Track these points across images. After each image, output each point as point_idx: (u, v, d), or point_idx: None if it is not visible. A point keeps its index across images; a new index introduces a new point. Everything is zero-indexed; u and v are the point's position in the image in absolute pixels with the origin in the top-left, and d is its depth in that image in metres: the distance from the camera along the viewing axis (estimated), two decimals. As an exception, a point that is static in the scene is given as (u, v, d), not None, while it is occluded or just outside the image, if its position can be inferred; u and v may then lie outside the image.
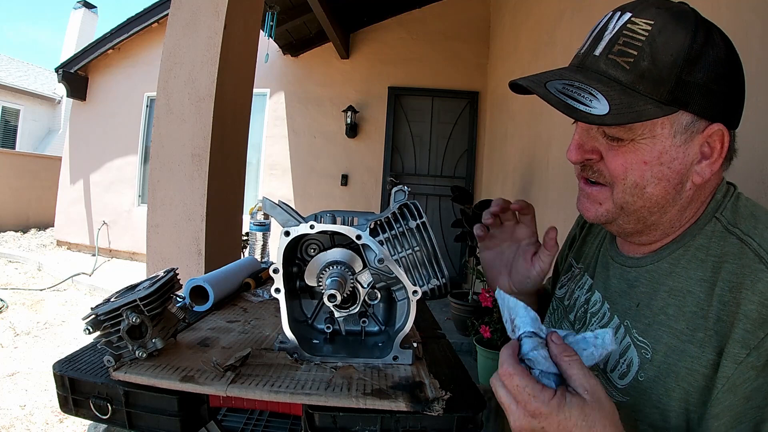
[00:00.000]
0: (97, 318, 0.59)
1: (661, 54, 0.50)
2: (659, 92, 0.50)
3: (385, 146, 5.08)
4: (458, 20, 4.99)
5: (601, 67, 0.53)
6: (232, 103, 1.98)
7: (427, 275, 0.65)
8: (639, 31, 0.51)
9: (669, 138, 0.51)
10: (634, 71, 0.50)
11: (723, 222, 0.54)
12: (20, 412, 2.19)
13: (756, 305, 0.46)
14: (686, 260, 0.54)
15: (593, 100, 0.50)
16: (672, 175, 0.53)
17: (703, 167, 0.53)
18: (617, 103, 0.50)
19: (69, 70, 5.81)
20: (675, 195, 0.54)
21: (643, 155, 0.52)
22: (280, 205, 0.65)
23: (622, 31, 0.52)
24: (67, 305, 4.01)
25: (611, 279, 0.64)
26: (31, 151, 10.05)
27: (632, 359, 0.55)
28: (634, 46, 0.51)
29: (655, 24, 0.50)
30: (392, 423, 0.53)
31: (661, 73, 0.49)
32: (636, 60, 0.50)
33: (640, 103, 0.50)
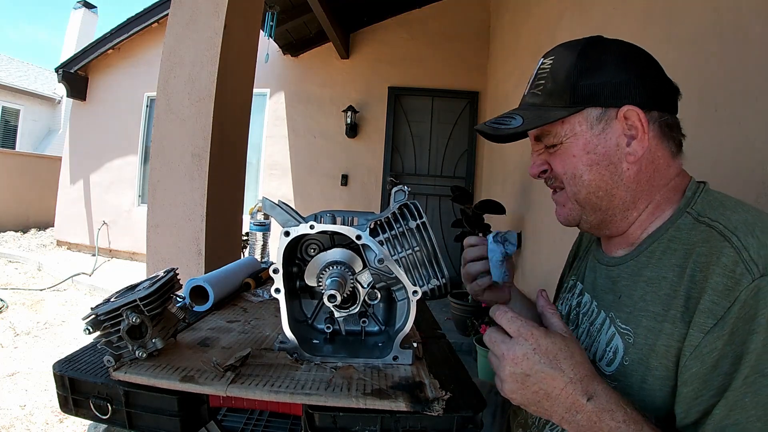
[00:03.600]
0: (97, 318, 0.58)
1: (558, 75, 0.64)
2: (563, 100, 0.63)
3: (385, 146, 5.08)
4: (458, 20, 4.99)
5: (527, 100, 0.69)
6: (232, 103, 1.98)
7: (427, 275, 0.65)
8: (545, 67, 0.67)
9: (587, 131, 0.63)
10: (543, 94, 0.65)
11: (693, 215, 0.59)
12: (20, 412, 2.19)
13: (721, 277, 0.50)
14: (660, 251, 0.60)
15: (512, 120, 0.66)
16: (599, 159, 0.63)
17: (634, 146, 0.62)
18: (529, 117, 0.64)
19: (69, 70, 5.81)
20: (612, 176, 0.63)
21: (571, 151, 0.64)
22: (279, 205, 0.65)
23: (538, 72, 0.68)
24: (67, 305, 4.01)
25: (598, 279, 0.71)
26: (31, 151, 10.05)
27: (617, 346, 0.61)
28: (543, 77, 0.66)
29: (555, 58, 0.66)
30: (392, 423, 0.53)
31: (561, 87, 0.63)
32: (544, 86, 0.65)
33: (548, 112, 0.63)
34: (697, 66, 1.15)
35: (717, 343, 0.49)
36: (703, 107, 1.10)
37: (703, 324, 0.50)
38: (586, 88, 0.62)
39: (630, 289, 0.62)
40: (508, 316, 0.54)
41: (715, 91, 1.09)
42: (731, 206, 0.57)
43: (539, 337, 0.51)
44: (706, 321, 0.50)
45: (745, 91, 0.98)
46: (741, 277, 0.49)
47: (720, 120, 1.06)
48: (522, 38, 3.37)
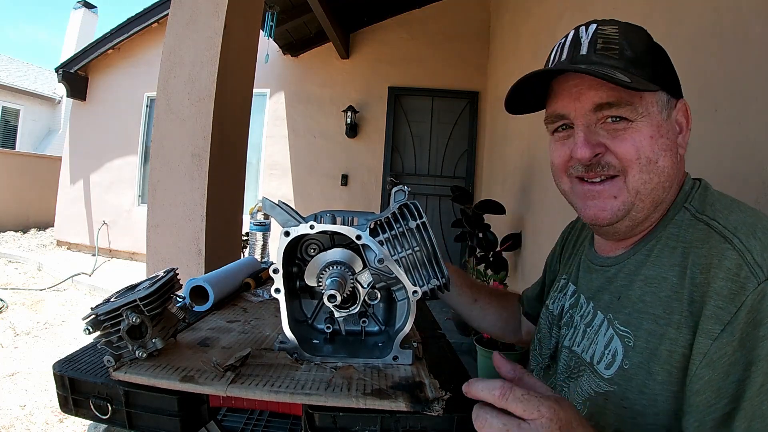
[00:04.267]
0: (97, 318, 0.58)
1: (636, 46, 0.59)
2: (646, 73, 0.57)
3: (385, 146, 5.08)
4: (458, 20, 4.99)
5: (595, 59, 0.59)
6: (232, 103, 1.98)
7: (427, 275, 0.65)
8: (611, 33, 0.59)
9: (659, 114, 0.58)
10: (623, 59, 0.58)
11: (691, 211, 0.58)
12: (20, 412, 2.19)
13: (725, 281, 0.48)
14: (659, 249, 0.58)
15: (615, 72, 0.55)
16: (671, 145, 0.59)
17: (683, 137, 0.61)
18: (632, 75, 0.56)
19: (69, 70, 5.81)
20: (676, 165, 0.59)
21: (649, 131, 0.58)
22: (279, 205, 0.65)
23: (597, 36, 0.60)
24: (67, 305, 4.01)
25: (593, 281, 0.68)
26: (31, 151, 10.05)
27: (616, 349, 0.58)
28: (614, 41, 0.59)
29: (620, 28, 0.60)
30: (392, 423, 0.53)
31: (642, 59, 0.58)
32: (620, 51, 0.58)
33: (634, 76, 0.56)
34: (697, 66, 1.15)
35: (726, 349, 0.47)
36: (703, 107, 1.10)
37: (710, 330, 0.48)
38: (659, 69, 0.59)
39: (627, 288, 0.60)
40: (518, 394, 0.43)
41: (715, 91, 1.09)
42: (727, 204, 0.56)
43: (558, 411, 0.42)
44: (714, 327, 0.48)
45: (745, 91, 0.98)
46: (746, 281, 0.47)
47: (720, 120, 1.06)
48: (522, 38, 3.37)
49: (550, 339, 0.76)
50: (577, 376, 0.64)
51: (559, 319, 0.74)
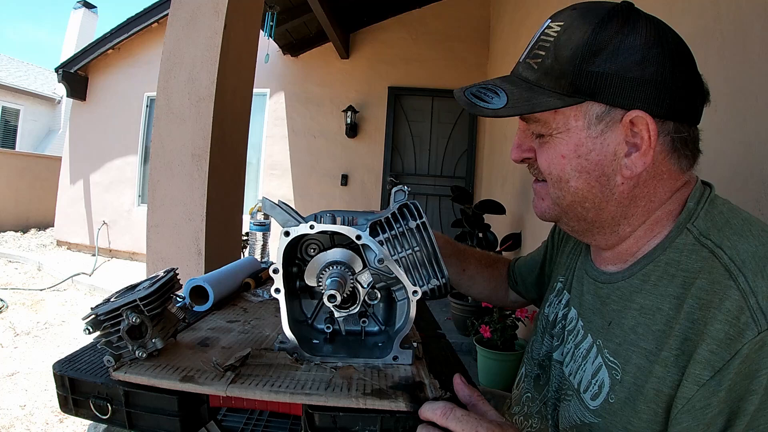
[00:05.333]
0: (97, 318, 0.58)
1: (562, 50, 0.52)
2: (560, 85, 0.52)
3: (385, 146, 5.08)
4: (458, 20, 4.99)
5: (519, 71, 0.57)
6: (232, 103, 1.98)
7: (427, 275, 0.65)
8: (550, 34, 0.54)
9: (583, 130, 0.52)
10: (540, 70, 0.54)
11: (694, 233, 0.51)
12: (20, 412, 2.19)
13: (722, 324, 0.44)
14: (656, 276, 0.52)
15: (495, 97, 0.54)
16: (591, 167, 0.53)
17: (633, 160, 0.52)
18: (516, 98, 0.53)
19: (69, 70, 5.81)
20: (603, 189, 0.54)
21: (560, 149, 0.54)
22: (279, 205, 0.65)
23: (540, 37, 0.55)
24: (67, 305, 4.01)
25: (585, 295, 0.64)
26: (31, 151, 10.05)
27: (603, 380, 0.54)
28: (544, 47, 0.54)
29: (563, 25, 0.53)
30: (392, 423, 0.53)
31: (562, 68, 0.51)
32: (542, 60, 0.53)
33: (541, 97, 0.52)
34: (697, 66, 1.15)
35: (712, 399, 0.43)
36: (703, 107, 1.10)
37: (698, 375, 0.44)
38: (593, 76, 0.50)
39: (620, 315, 0.55)
40: (458, 415, 0.46)
41: (715, 91, 1.08)
42: (739, 227, 0.49)
43: None
44: (703, 373, 0.44)
45: (745, 91, 0.98)
46: (745, 328, 0.43)
47: (720, 120, 1.06)
48: (522, 38, 3.37)
49: (542, 345, 0.74)
50: (565, 399, 0.62)
51: (552, 327, 0.71)
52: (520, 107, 0.53)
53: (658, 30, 0.51)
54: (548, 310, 0.75)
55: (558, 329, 0.69)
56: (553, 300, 0.75)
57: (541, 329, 0.76)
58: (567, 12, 0.54)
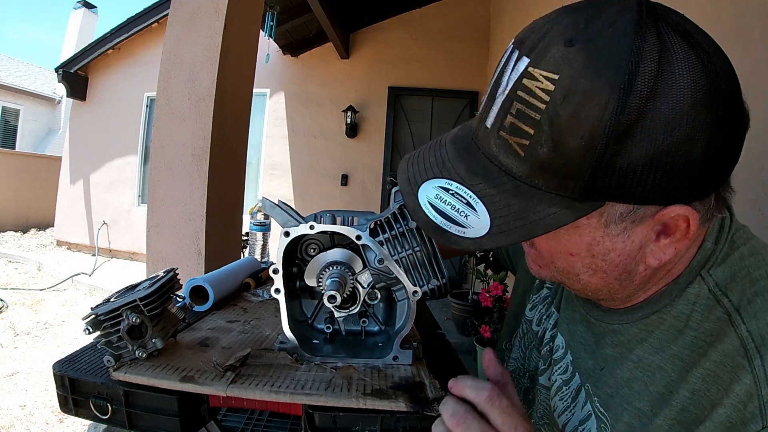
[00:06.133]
0: (97, 318, 0.58)
1: (566, 136, 0.34)
2: (568, 188, 0.36)
3: (385, 146, 5.08)
4: (458, 20, 4.99)
5: (492, 149, 0.39)
6: (232, 103, 1.99)
7: (427, 275, 0.65)
8: (538, 93, 0.34)
9: (599, 228, 0.39)
10: (530, 160, 0.36)
11: (710, 284, 0.42)
12: (20, 412, 2.19)
13: (727, 408, 0.38)
14: (661, 331, 0.44)
15: (470, 215, 0.39)
16: (609, 268, 0.42)
17: (662, 246, 0.40)
18: (503, 215, 0.38)
19: (69, 70, 5.82)
20: (621, 282, 0.44)
21: (567, 247, 0.41)
22: (279, 205, 0.65)
23: (516, 92, 0.36)
24: (67, 305, 4.01)
25: (576, 324, 0.55)
26: (31, 151, 10.06)
27: (591, 430, 0.48)
28: (531, 120, 0.35)
29: (560, 80, 0.34)
30: (392, 423, 0.53)
31: (569, 165, 0.34)
32: (532, 144, 0.35)
33: (538, 207, 0.37)
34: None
35: None
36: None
37: None
38: (618, 172, 0.34)
39: (615, 363, 0.47)
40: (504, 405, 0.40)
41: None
42: (763, 285, 0.40)
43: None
44: None
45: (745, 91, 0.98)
46: (750, 419, 0.37)
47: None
48: (522, 38, 3.36)
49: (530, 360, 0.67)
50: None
51: (539, 344, 0.64)
52: (513, 232, 0.37)
53: (706, 70, 0.33)
54: (531, 315, 0.67)
55: (545, 351, 0.61)
56: (538, 304, 0.67)
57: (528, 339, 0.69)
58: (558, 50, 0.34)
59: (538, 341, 0.64)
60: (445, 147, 0.44)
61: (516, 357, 0.70)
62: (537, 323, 0.65)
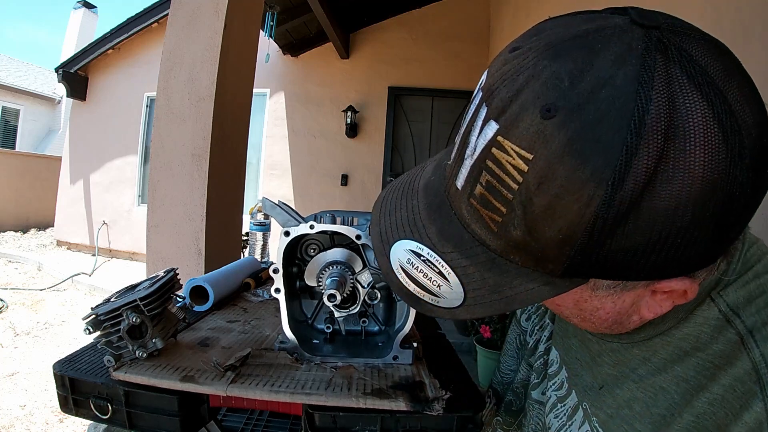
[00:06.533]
0: (97, 318, 0.59)
1: (540, 225, 0.30)
2: (545, 268, 0.33)
3: (385, 146, 5.08)
4: (458, 20, 4.99)
5: (464, 215, 0.35)
6: (232, 103, 1.99)
7: (427, 275, 0.65)
8: (509, 170, 0.30)
9: (586, 290, 0.36)
10: (503, 237, 0.33)
11: (720, 306, 0.38)
12: (20, 412, 2.19)
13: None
14: (666, 352, 0.41)
15: (442, 285, 0.36)
16: (598, 321, 0.40)
17: (659, 301, 0.37)
18: (477, 287, 0.35)
19: (69, 70, 5.81)
20: (612, 329, 0.41)
21: (552, 299, 0.37)
22: (279, 205, 0.65)
23: (485, 160, 0.31)
24: (67, 305, 4.01)
25: (571, 339, 0.52)
26: (31, 151, 10.05)
27: None
28: (502, 197, 0.31)
29: (534, 162, 0.28)
30: (392, 423, 0.53)
31: (546, 251, 0.31)
32: (504, 222, 0.32)
33: (515, 282, 0.34)
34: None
35: None
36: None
37: None
38: (604, 258, 0.30)
39: (615, 382, 0.45)
40: None
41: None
42: None
43: None
44: None
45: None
46: None
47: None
48: (522, 38, 3.36)
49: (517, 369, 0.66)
50: None
51: (530, 355, 0.62)
52: (489, 305, 0.35)
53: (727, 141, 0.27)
54: (526, 325, 0.65)
55: (539, 364, 0.58)
56: (533, 314, 0.65)
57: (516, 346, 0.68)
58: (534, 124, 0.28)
59: (530, 352, 0.62)
60: (417, 197, 0.40)
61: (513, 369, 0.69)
62: (530, 333, 0.63)
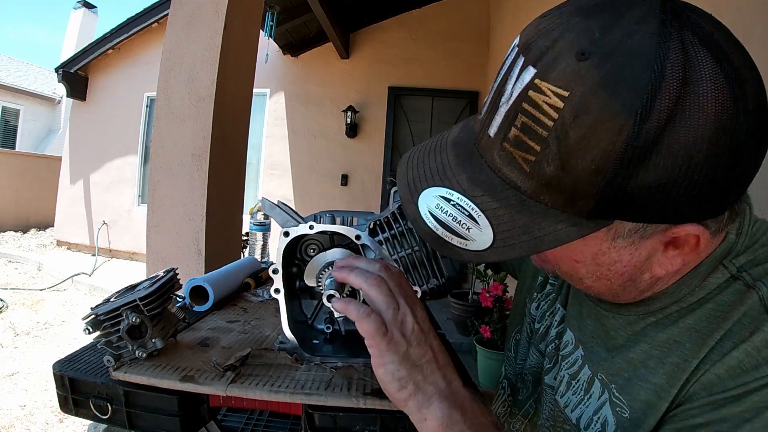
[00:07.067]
0: (97, 318, 0.59)
1: (574, 157, 0.32)
2: (575, 207, 0.35)
3: (385, 146, 5.08)
4: (458, 20, 4.99)
5: (495, 160, 0.37)
6: (232, 103, 1.99)
7: (426, 275, 0.65)
8: (545, 109, 0.32)
9: (606, 241, 0.38)
10: (536, 177, 0.35)
11: (731, 270, 0.41)
12: (20, 412, 2.19)
13: (741, 353, 0.36)
14: (678, 314, 0.43)
15: (472, 227, 0.38)
16: (614, 276, 0.42)
17: (670, 257, 0.39)
18: (506, 229, 0.37)
19: (69, 70, 5.82)
20: (624, 288, 0.43)
21: (572, 254, 0.41)
22: (279, 205, 0.65)
23: (521, 104, 0.34)
24: (67, 305, 4.01)
25: (585, 319, 0.54)
26: (31, 151, 10.06)
27: (607, 418, 0.46)
28: (537, 136, 0.33)
29: (570, 98, 0.31)
30: (392, 423, 0.53)
31: (577, 186, 0.33)
32: (538, 160, 0.34)
33: (544, 223, 0.36)
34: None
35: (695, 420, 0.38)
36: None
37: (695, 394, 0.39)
38: (630, 193, 0.33)
39: (628, 348, 0.46)
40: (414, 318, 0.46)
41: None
42: None
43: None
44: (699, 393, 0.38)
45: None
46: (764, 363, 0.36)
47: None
48: (522, 38, 3.36)
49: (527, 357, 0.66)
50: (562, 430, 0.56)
51: (540, 341, 0.62)
52: (517, 246, 0.37)
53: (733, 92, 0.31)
54: (536, 313, 0.66)
55: (551, 349, 0.59)
56: (542, 301, 0.65)
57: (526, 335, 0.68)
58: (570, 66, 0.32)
59: (539, 338, 0.63)
60: (446, 151, 0.43)
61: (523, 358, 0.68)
62: (539, 320, 0.64)
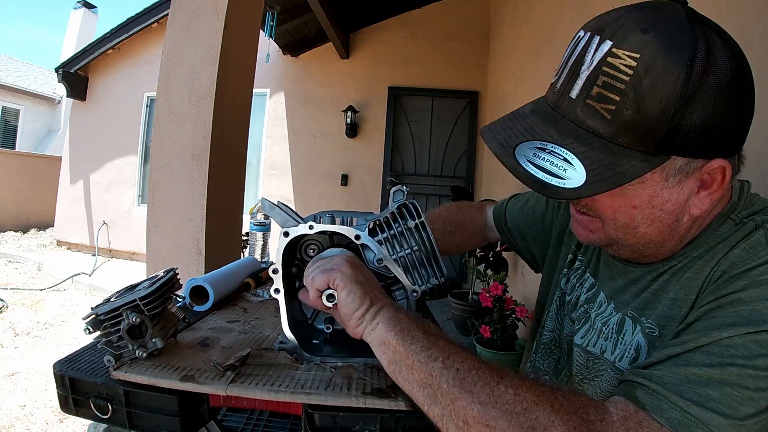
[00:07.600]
0: (97, 318, 0.59)
1: (648, 100, 0.44)
2: (646, 144, 0.45)
3: (385, 146, 5.08)
4: (458, 20, 4.99)
5: (579, 115, 0.48)
6: (232, 103, 1.98)
7: (426, 275, 0.65)
8: (622, 68, 0.44)
9: (660, 182, 0.48)
10: (616, 121, 0.45)
11: (736, 220, 0.52)
12: (20, 412, 2.19)
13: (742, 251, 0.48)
14: (698, 262, 0.52)
15: (567, 168, 0.46)
16: (665, 216, 0.50)
17: (701, 198, 0.50)
18: (596, 167, 0.46)
19: (69, 70, 5.81)
20: (671, 231, 0.52)
21: (631, 200, 0.50)
22: (279, 205, 0.65)
23: (601, 68, 0.45)
24: (67, 305, 4.01)
25: (616, 278, 0.62)
26: (31, 151, 10.05)
27: (638, 341, 0.55)
28: (616, 89, 0.45)
29: (641, 58, 0.44)
30: (392, 423, 0.53)
31: (649, 124, 0.44)
32: (618, 108, 0.45)
33: (623, 160, 0.46)
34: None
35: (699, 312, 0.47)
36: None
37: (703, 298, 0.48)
38: (682, 130, 0.44)
39: (658, 295, 0.55)
40: None
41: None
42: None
43: None
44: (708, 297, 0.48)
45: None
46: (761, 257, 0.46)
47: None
48: (522, 38, 3.37)
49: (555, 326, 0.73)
50: (595, 377, 0.61)
51: (572, 310, 0.69)
52: (606, 182, 0.45)
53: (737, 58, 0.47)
54: (566, 287, 0.73)
55: (580, 312, 0.67)
56: (571, 276, 0.72)
57: (555, 309, 0.74)
58: (637, 36, 0.45)
59: (571, 307, 0.70)
60: (528, 117, 0.52)
61: (551, 329, 0.74)
62: (569, 292, 0.71)
